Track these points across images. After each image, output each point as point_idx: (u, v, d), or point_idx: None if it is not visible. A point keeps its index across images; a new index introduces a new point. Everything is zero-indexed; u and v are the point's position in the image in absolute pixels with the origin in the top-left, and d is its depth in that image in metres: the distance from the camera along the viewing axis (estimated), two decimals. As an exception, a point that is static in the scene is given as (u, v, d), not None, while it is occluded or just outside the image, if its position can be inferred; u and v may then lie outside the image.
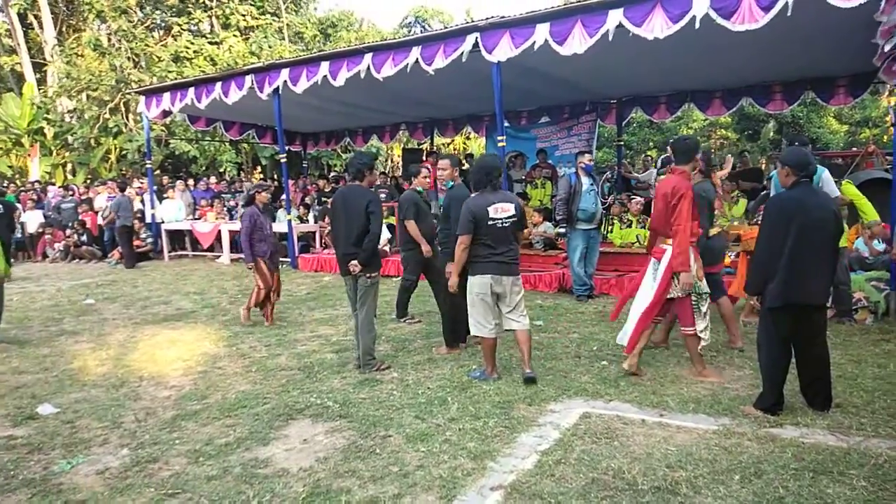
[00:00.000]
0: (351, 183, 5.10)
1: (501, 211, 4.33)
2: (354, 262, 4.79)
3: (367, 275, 4.87)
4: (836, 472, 2.97)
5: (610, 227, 8.69)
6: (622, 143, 13.89)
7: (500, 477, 3.06)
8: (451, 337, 5.37)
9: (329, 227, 10.95)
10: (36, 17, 21.37)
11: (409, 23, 25.76)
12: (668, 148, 5.14)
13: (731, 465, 3.08)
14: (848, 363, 4.64)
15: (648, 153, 20.56)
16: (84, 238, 13.24)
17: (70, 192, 14.65)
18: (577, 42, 7.04)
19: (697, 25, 6.25)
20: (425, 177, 6.38)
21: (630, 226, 8.39)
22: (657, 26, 6.50)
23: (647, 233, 8.23)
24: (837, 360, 4.54)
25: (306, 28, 22.24)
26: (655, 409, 3.89)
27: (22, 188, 15.47)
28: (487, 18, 7.75)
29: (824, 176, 5.35)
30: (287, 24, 21.46)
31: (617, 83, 10.92)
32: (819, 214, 3.59)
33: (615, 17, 6.73)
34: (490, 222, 4.31)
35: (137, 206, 12.86)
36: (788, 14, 5.77)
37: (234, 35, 20.10)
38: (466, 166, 10.96)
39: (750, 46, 7.69)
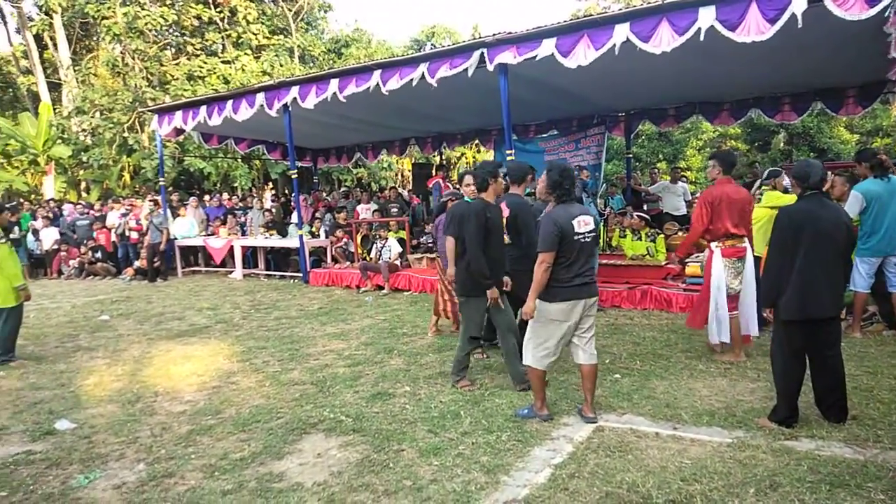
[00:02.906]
0: None
1: (584, 224, 3.85)
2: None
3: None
4: (854, 485, 2.95)
5: (622, 237, 8.70)
6: (631, 155, 13.90)
7: (513, 491, 3.07)
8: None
9: (340, 243, 11.15)
10: (51, 37, 21.81)
11: (421, 42, 25.98)
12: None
13: (746, 479, 3.06)
14: (864, 375, 4.60)
15: (657, 165, 20.59)
16: (98, 255, 13.41)
17: (86, 210, 14.88)
18: (583, 55, 7.06)
19: (702, 38, 6.27)
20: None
21: (640, 238, 8.38)
22: (664, 40, 6.51)
23: (657, 245, 8.28)
24: (853, 372, 4.51)
25: (315, 46, 22.50)
26: (669, 422, 3.88)
27: (37, 206, 15.72)
28: (494, 34, 7.77)
29: None
30: (298, 45, 21.73)
31: (625, 95, 10.95)
32: (829, 226, 3.58)
33: (622, 31, 6.75)
34: (576, 237, 3.82)
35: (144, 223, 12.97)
36: (799, 26, 5.77)
37: (246, 54, 20.39)
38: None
39: (757, 58, 7.71)
